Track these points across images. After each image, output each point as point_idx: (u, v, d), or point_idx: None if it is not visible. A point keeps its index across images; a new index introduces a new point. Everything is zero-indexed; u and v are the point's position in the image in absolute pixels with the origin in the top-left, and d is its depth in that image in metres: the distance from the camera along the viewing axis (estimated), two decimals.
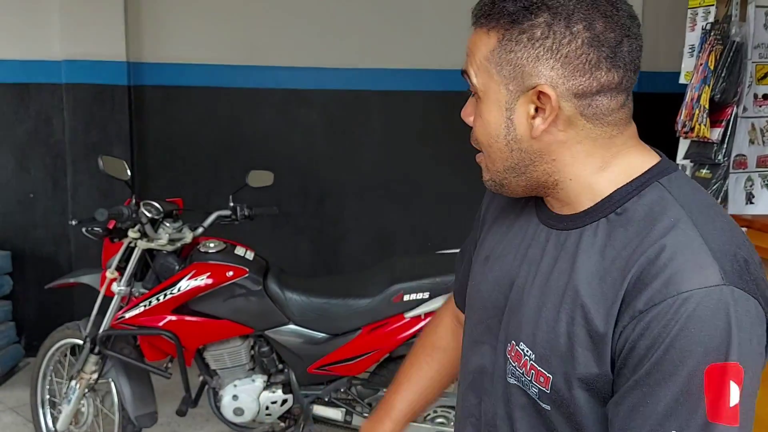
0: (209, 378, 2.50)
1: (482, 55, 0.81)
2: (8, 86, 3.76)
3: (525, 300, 0.84)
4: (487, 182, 0.88)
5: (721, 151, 3.03)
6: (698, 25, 3.20)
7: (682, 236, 0.74)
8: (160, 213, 2.40)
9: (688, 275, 0.71)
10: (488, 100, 0.82)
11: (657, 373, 0.70)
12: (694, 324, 0.69)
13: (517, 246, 0.90)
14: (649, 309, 0.71)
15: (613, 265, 0.76)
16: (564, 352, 0.77)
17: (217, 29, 3.88)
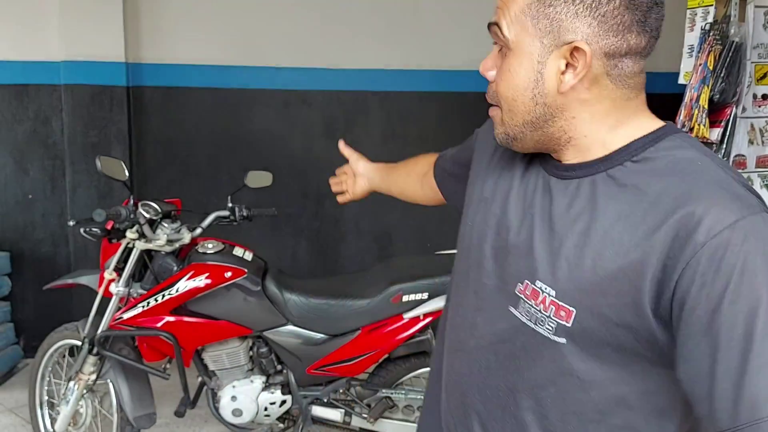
0: (208, 379, 2.50)
1: (519, 8, 0.83)
2: (7, 87, 3.76)
3: (534, 242, 0.87)
4: (499, 135, 0.90)
5: (720, 152, 3.03)
6: (697, 26, 3.20)
7: (716, 179, 0.78)
8: (159, 213, 2.40)
9: (729, 214, 0.73)
10: (520, 53, 0.84)
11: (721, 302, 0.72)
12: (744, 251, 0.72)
13: (521, 193, 0.93)
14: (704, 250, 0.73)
15: (649, 209, 0.78)
16: (587, 285, 0.80)
17: (215, 30, 3.88)
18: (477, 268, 0.97)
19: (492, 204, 0.97)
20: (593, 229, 0.82)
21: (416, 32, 3.98)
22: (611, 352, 0.81)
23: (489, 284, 0.94)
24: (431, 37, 3.93)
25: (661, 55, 4.41)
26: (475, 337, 0.96)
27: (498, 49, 0.88)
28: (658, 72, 4.03)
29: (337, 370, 2.41)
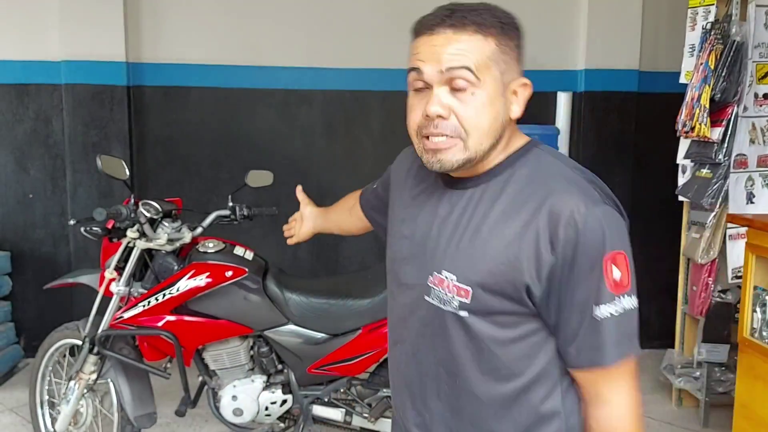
0: (208, 378, 2.49)
1: (484, 56, 1.03)
2: (7, 87, 3.76)
3: (440, 241, 1.10)
4: (456, 161, 1.06)
5: (721, 151, 3.03)
6: (698, 25, 3.20)
7: (566, 179, 1.04)
8: (159, 213, 2.40)
9: (581, 203, 1.00)
10: (489, 92, 1.04)
11: (577, 271, 1.00)
12: (589, 234, 0.99)
13: (428, 208, 1.16)
14: (560, 229, 0.99)
15: (519, 206, 1.03)
16: (480, 268, 1.03)
17: (216, 29, 3.88)
18: (401, 274, 1.19)
19: (409, 221, 1.19)
20: (483, 225, 1.05)
21: None
22: (504, 318, 1.05)
23: (410, 283, 1.16)
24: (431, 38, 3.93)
25: (663, 55, 4.43)
26: (407, 328, 1.17)
27: (447, 89, 1.03)
28: (660, 71, 4.06)
29: (338, 369, 2.41)
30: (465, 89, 1.02)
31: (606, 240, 1.00)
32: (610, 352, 1.04)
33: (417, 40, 1.07)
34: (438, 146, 1.05)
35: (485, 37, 1.03)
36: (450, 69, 1.01)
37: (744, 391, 2.55)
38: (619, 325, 1.03)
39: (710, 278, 3.16)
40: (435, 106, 1.03)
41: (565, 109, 4.03)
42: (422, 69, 1.04)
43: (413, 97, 1.08)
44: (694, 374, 3.26)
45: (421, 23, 1.07)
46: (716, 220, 3.09)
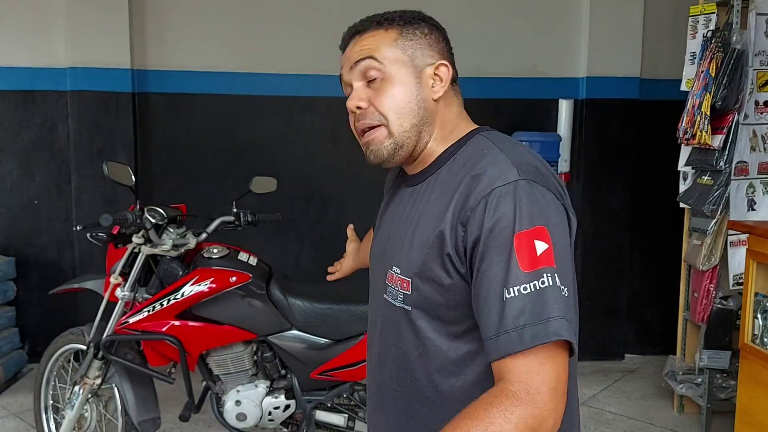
0: (212, 383, 2.51)
1: (386, 43, 1.09)
2: (13, 93, 3.79)
3: (395, 239, 1.13)
4: (385, 150, 1.10)
5: (722, 158, 3.04)
6: (699, 33, 3.22)
7: (491, 157, 1.04)
8: (164, 219, 2.41)
9: (496, 178, 0.99)
10: (398, 74, 1.09)
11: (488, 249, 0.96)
12: (501, 208, 0.96)
13: (391, 208, 1.21)
14: (475, 206, 0.98)
15: (448, 188, 1.05)
16: (415, 257, 1.04)
17: (220, 37, 3.91)
18: (371, 276, 1.23)
19: (381, 226, 1.24)
20: (422, 216, 1.08)
21: None
22: (444, 312, 1.03)
23: (375, 284, 1.20)
24: None
25: (663, 62, 4.45)
26: (376, 330, 1.18)
27: (363, 83, 1.10)
28: (661, 79, 4.08)
29: (341, 374, 2.42)
30: (376, 78, 1.09)
31: (517, 217, 0.95)
32: (518, 336, 0.90)
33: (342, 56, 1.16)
34: (367, 139, 1.12)
35: (386, 29, 1.10)
36: (356, 62, 1.10)
37: (745, 397, 2.56)
38: (530, 305, 0.91)
39: (711, 285, 3.17)
40: (352, 100, 1.11)
41: (567, 117, 4.05)
42: (342, 74, 1.14)
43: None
44: (695, 381, 3.26)
45: (341, 45, 1.16)
46: (717, 227, 3.10)
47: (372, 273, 1.24)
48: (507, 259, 0.93)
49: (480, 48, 3.98)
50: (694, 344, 3.35)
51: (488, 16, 4.03)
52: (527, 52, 4.06)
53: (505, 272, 0.93)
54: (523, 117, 4.07)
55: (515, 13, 4.06)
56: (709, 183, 3.12)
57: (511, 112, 4.05)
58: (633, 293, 4.16)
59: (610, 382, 3.78)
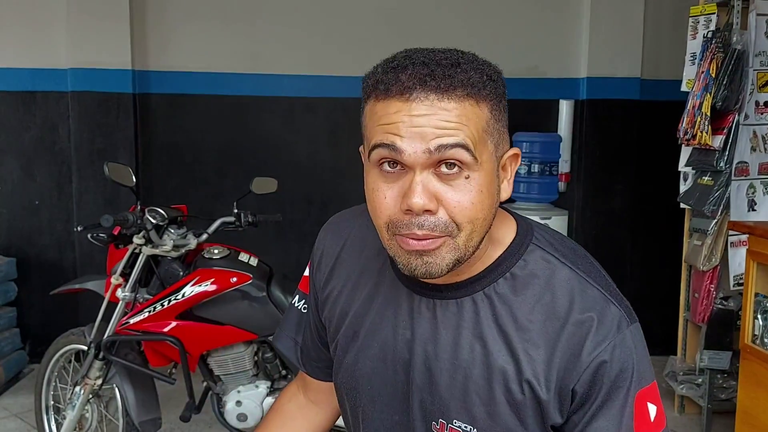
0: (213, 384, 2.51)
1: (480, 127, 0.78)
2: (15, 94, 3.79)
3: (437, 377, 0.87)
4: (446, 264, 0.80)
5: (722, 159, 3.04)
6: (699, 33, 3.22)
7: (590, 294, 0.84)
8: (165, 219, 2.42)
9: (609, 330, 0.81)
10: (486, 170, 0.80)
11: (605, 408, 0.81)
12: (617, 366, 0.81)
13: (393, 319, 0.90)
14: (589, 366, 0.81)
15: (540, 336, 0.83)
16: (507, 417, 0.83)
17: (221, 37, 3.91)
18: (379, 406, 0.93)
19: (366, 333, 0.93)
20: (492, 358, 0.84)
21: (420, 41, 3.99)
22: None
23: (398, 419, 0.92)
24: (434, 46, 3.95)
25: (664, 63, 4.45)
26: None
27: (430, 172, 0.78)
28: (661, 79, 4.08)
29: None
30: (456, 174, 0.78)
31: (636, 370, 0.82)
32: None
33: (381, 102, 0.78)
34: (425, 247, 0.79)
35: (477, 102, 0.78)
36: (441, 148, 0.76)
37: (746, 398, 2.56)
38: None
39: (712, 285, 3.17)
40: (421, 199, 0.76)
41: (568, 117, 4.06)
42: (400, 147, 0.76)
43: (377, 175, 0.81)
44: (696, 381, 3.26)
45: (388, 82, 0.78)
46: (718, 228, 3.10)
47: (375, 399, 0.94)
48: (622, 417, 0.82)
49: (480, 48, 3.94)
50: (695, 345, 3.35)
51: (488, 16, 4.03)
52: (528, 53, 4.06)
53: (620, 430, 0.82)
54: (523, 117, 4.06)
55: (515, 13, 4.06)
56: (709, 183, 3.12)
57: (511, 113, 3.93)
58: (633, 294, 4.14)
59: None
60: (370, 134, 0.81)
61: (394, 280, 0.92)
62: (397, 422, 0.92)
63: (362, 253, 0.97)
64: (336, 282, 0.99)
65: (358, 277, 0.96)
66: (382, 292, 0.93)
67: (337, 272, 0.99)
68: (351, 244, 1.00)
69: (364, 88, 0.82)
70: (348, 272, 0.98)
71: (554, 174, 3.95)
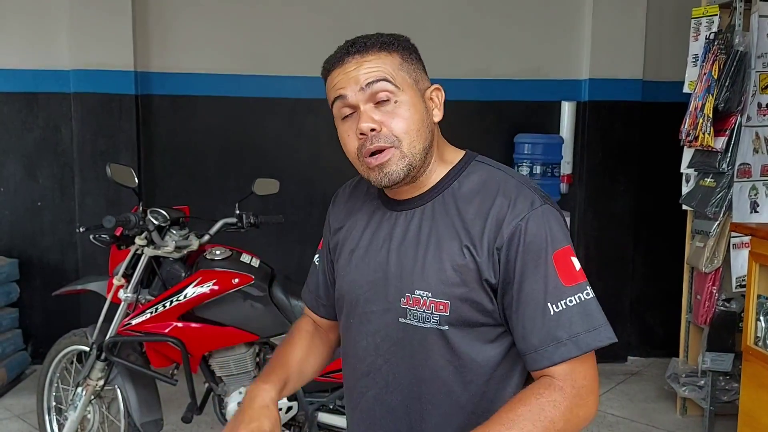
0: (215, 385, 2.51)
1: (394, 67, 1.12)
2: (17, 95, 3.80)
3: (405, 263, 1.13)
4: (399, 171, 1.10)
5: (725, 160, 3.04)
6: (702, 35, 3.22)
7: (512, 184, 1.11)
8: (167, 220, 2.42)
9: (525, 205, 1.08)
10: (410, 97, 1.11)
11: (527, 268, 1.06)
12: (535, 231, 1.06)
13: (380, 233, 1.19)
14: (512, 232, 1.06)
15: (476, 215, 1.09)
16: (448, 280, 1.08)
17: (223, 39, 3.92)
18: (362, 303, 1.19)
19: (359, 251, 1.21)
20: (443, 239, 1.11)
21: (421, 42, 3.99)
22: (481, 329, 1.10)
23: (376, 310, 1.17)
24: (435, 47, 3.96)
25: (666, 65, 4.44)
26: (380, 355, 1.17)
27: (372, 105, 1.10)
28: (663, 81, 4.08)
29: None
30: (388, 100, 1.10)
31: (549, 235, 1.06)
32: (574, 344, 1.03)
33: (330, 75, 1.14)
34: (380, 160, 1.11)
35: (389, 52, 1.12)
36: (369, 84, 1.09)
37: (748, 400, 2.55)
38: (578, 315, 1.05)
39: (714, 287, 3.17)
40: (366, 122, 1.09)
41: (570, 119, 4.05)
42: (344, 94, 1.11)
43: (342, 125, 1.14)
44: (698, 383, 3.26)
45: (329, 61, 1.15)
46: (720, 229, 3.10)
47: (358, 298, 1.20)
48: (547, 276, 1.05)
49: (483, 50, 3.98)
50: (697, 346, 3.35)
51: (491, 18, 4.03)
52: (530, 54, 4.06)
53: (548, 288, 1.05)
54: (525, 119, 4.07)
55: (518, 15, 4.06)
56: (711, 185, 3.12)
57: (513, 114, 4.05)
58: (635, 295, 4.15)
59: (613, 384, 3.77)
60: (329, 98, 1.15)
61: (379, 206, 1.22)
62: (376, 311, 1.17)
63: (357, 202, 1.28)
64: (342, 228, 1.28)
65: (356, 217, 1.26)
66: (371, 221, 1.22)
67: (344, 221, 1.28)
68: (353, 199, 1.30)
69: (322, 74, 1.18)
70: (351, 219, 1.27)
71: (556, 175, 3.94)
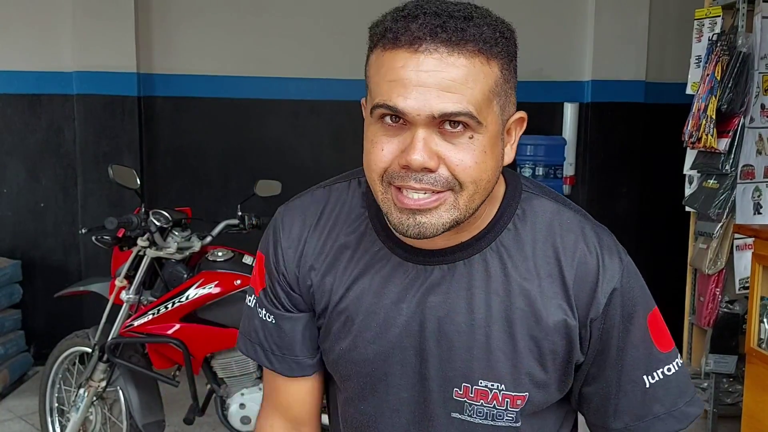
0: (217, 386, 2.51)
1: (487, 88, 0.75)
2: (20, 97, 3.80)
3: (456, 342, 0.85)
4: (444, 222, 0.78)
5: (728, 162, 3.03)
6: (705, 36, 3.21)
7: (589, 232, 0.86)
8: (169, 222, 2.42)
9: (613, 263, 0.85)
10: (490, 132, 0.77)
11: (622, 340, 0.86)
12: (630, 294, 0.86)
13: (392, 295, 0.86)
14: (607, 298, 0.84)
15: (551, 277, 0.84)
16: (524, 366, 0.84)
17: (226, 41, 3.92)
18: (383, 387, 0.89)
19: (362, 315, 0.88)
20: (511, 312, 0.83)
21: None
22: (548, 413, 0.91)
23: (407, 397, 0.89)
24: None
25: (669, 66, 4.44)
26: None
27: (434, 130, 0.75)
28: (666, 82, 4.07)
29: None
30: (460, 132, 0.76)
31: (642, 293, 0.88)
32: (680, 416, 0.90)
33: (386, 52, 0.75)
34: (421, 206, 0.77)
35: (488, 59, 0.75)
36: (444, 115, 0.74)
37: (752, 402, 2.54)
38: (677, 385, 0.90)
39: (717, 289, 3.16)
40: (420, 155, 0.74)
41: (572, 120, 4.05)
42: (403, 109, 0.74)
43: (374, 126, 0.79)
44: (701, 385, 3.25)
45: (397, 30, 0.74)
46: (723, 231, 3.09)
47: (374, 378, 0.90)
48: (643, 344, 0.87)
49: None
50: (700, 349, 3.33)
51: None
52: (532, 56, 4.06)
53: (643, 358, 0.87)
54: (528, 120, 4.05)
55: (520, 16, 4.02)
56: (714, 187, 3.11)
57: None
58: None
59: None
60: (374, 88, 0.78)
61: (385, 253, 0.87)
62: (405, 400, 0.89)
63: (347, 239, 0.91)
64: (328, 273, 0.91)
65: (351, 264, 0.89)
66: (374, 269, 0.88)
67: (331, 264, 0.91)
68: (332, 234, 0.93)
69: (371, 36, 0.79)
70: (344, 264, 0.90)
71: (559, 177, 3.94)
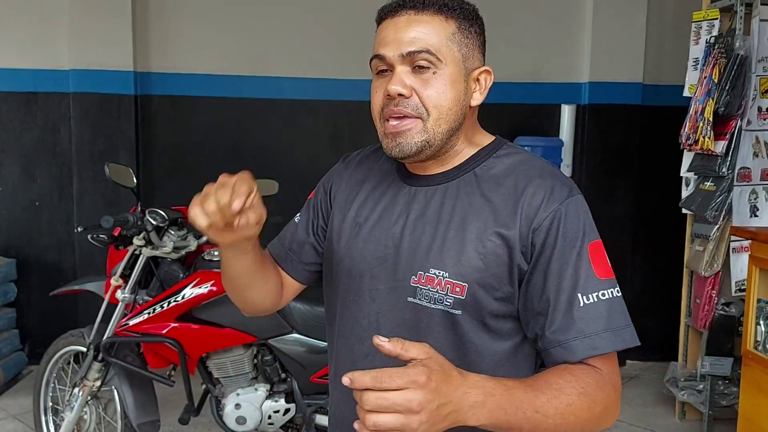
0: (212, 386, 2.50)
1: (445, 35, 1.04)
2: (16, 95, 3.79)
3: (421, 239, 1.07)
4: (414, 144, 1.04)
5: (725, 164, 3.03)
6: (702, 39, 3.21)
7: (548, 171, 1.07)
8: (165, 221, 2.41)
9: (564, 192, 1.03)
10: (451, 71, 1.04)
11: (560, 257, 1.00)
12: (573, 219, 1.02)
13: (393, 209, 1.12)
14: (548, 218, 1.01)
15: (507, 199, 1.04)
16: (470, 262, 1.03)
17: (223, 40, 3.91)
18: (368, 280, 1.11)
19: (368, 223, 1.13)
20: (467, 220, 1.05)
21: None
22: (494, 323, 1.04)
23: (383, 288, 1.10)
24: None
25: (666, 68, 4.44)
26: (378, 332, 1.03)
27: (409, 69, 1.03)
28: (663, 84, 4.08)
29: None
30: (427, 68, 1.02)
31: (587, 228, 1.03)
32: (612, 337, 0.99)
33: (381, 25, 1.07)
34: (397, 129, 1.04)
35: (446, 18, 1.04)
36: (410, 53, 1.02)
37: (747, 404, 2.55)
38: (608, 311, 1.00)
39: (714, 291, 3.16)
40: (396, 85, 1.02)
41: (569, 122, 4.05)
42: (383, 55, 1.04)
43: (376, 80, 1.08)
44: (697, 387, 3.25)
45: (384, 9, 1.07)
46: (720, 233, 3.09)
47: (363, 275, 1.12)
48: (580, 267, 1.00)
49: None
50: (696, 351, 3.34)
51: (491, 20, 3.99)
52: (530, 57, 4.06)
53: (579, 279, 1.00)
54: (525, 122, 4.06)
55: (518, 18, 4.06)
56: (711, 189, 3.11)
57: (513, 117, 4.04)
58: (634, 299, 4.14)
59: None
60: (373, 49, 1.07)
61: (392, 178, 1.15)
62: (381, 290, 1.10)
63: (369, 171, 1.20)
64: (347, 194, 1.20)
65: (365, 186, 1.18)
66: (386, 192, 1.14)
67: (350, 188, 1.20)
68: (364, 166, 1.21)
69: (376, 19, 1.09)
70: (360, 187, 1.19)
71: None
